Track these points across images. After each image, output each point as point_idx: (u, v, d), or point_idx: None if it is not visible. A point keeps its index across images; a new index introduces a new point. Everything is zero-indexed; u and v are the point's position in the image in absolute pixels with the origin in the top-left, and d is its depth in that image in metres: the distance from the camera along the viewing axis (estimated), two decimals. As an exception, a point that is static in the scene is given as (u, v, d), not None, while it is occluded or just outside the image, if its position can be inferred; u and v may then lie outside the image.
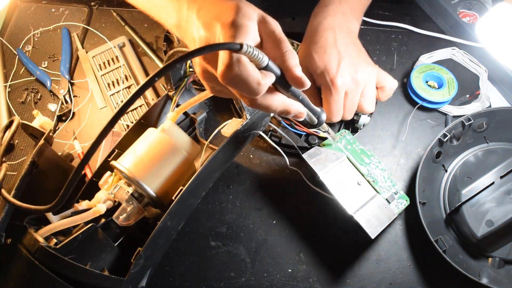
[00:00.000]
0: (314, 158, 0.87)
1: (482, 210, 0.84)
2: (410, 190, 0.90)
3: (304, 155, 0.87)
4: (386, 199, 0.88)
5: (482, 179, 0.87)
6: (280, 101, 0.63)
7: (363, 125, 0.96)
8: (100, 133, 0.53)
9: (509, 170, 0.85)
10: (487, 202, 0.85)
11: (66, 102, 1.07)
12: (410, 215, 0.90)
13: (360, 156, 0.92)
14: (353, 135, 0.95)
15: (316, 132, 0.94)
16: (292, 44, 1.04)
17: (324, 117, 0.74)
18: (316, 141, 0.95)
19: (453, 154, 0.93)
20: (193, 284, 0.89)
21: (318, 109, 0.71)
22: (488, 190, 0.85)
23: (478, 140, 0.93)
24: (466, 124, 0.88)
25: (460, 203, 0.86)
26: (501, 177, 0.85)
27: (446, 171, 0.92)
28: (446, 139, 0.88)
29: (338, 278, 0.88)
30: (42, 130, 0.84)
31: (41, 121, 0.87)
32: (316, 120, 0.73)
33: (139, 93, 0.52)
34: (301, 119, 0.70)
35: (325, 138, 0.94)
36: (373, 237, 0.80)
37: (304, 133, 0.95)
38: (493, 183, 0.85)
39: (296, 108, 0.67)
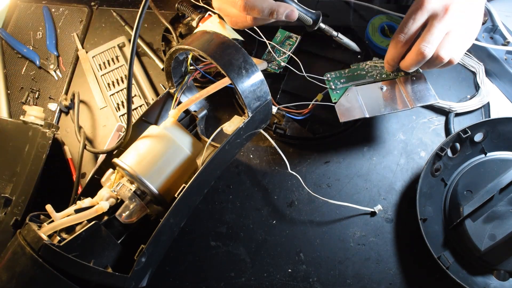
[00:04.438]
0: (344, 114, 0.89)
1: (483, 224, 0.84)
2: (410, 205, 0.90)
3: (340, 119, 0.89)
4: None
5: (482, 192, 0.86)
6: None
7: None
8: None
9: (509, 183, 0.85)
10: (489, 216, 0.84)
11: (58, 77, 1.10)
12: (411, 231, 0.90)
13: (357, 76, 0.96)
14: (356, 124, 0.97)
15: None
16: (290, 37, 1.04)
17: (319, 15, 0.85)
18: (321, 131, 0.95)
19: (452, 167, 0.92)
20: (193, 284, 0.89)
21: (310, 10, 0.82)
22: (489, 204, 0.85)
23: (476, 151, 0.93)
24: (463, 136, 0.88)
25: (461, 218, 0.85)
26: (501, 190, 0.85)
27: (446, 184, 0.92)
28: (443, 152, 0.88)
29: (338, 278, 0.88)
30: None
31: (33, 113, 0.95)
32: (310, 20, 0.84)
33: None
34: (293, 19, 0.80)
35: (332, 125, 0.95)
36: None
37: (308, 114, 0.96)
38: (493, 196, 0.85)
39: (285, 6, 0.77)
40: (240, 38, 1.00)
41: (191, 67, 0.91)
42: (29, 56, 1.12)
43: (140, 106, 1.04)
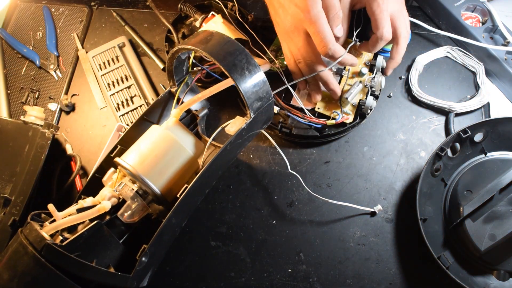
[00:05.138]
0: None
1: (483, 224, 0.84)
2: (410, 205, 0.90)
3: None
4: None
5: (482, 192, 0.86)
6: None
7: (370, 109, 0.95)
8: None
9: (509, 183, 0.84)
10: (489, 216, 0.84)
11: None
12: (411, 231, 0.90)
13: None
14: (361, 121, 0.96)
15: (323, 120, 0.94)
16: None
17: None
18: (326, 129, 0.95)
19: (452, 167, 0.93)
20: (193, 284, 0.89)
21: None
22: (489, 204, 0.85)
23: (476, 151, 0.93)
24: (463, 136, 0.88)
25: (461, 218, 0.85)
26: (501, 190, 0.85)
27: (446, 184, 0.92)
28: (444, 153, 0.88)
29: (338, 278, 0.88)
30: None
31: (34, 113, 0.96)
32: None
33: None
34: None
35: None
36: None
37: (312, 124, 0.95)
38: (493, 196, 0.84)
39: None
40: (244, 38, 1.00)
41: (197, 68, 0.91)
42: (29, 56, 1.12)
43: (140, 106, 1.04)
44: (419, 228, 0.83)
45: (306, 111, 0.94)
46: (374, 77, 0.95)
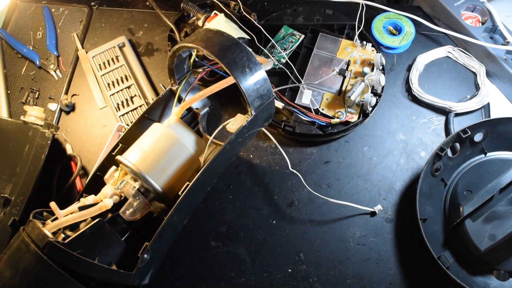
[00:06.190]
0: None
1: (483, 224, 0.84)
2: (410, 205, 0.90)
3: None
4: None
5: (482, 192, 0.86)
6: None
7: (371, 106, 0.95)
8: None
9: (509, 183, 0.85)
10: (489, 216, 0.84)
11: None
12: (411, 231, 0.90)
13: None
14: (364, 120, 0.96)
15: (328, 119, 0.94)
16: (293, 35, 1.04)
17: None
18: (329, 128, 0.95)
19: (452, 167, 0.93)
20: (193, 284, 0.89)
21: None
22: (489, 204, 0.85)
23: (476, 151, 0.93)
24: (463, 136, 0.88)
25: (461, 218, 0.85)
26: (501, 190, 0.85)
27: (446, 184, 0.92)
28: (443, 153, 0.88)
29: (338, 278, 0.88)
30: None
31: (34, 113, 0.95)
32: None
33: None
34: None
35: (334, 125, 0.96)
36: None
37: (317, 121, 0.95)
38: (493, 196, 0.84)
39: None
40: (247, 36, 1.00)
41: (204, 67, 0.91)
42: (29, 56, 1.12)
43: (140, 106, 1.04)
44: (419, 228, 0.83)
45: (312, 109, 0.94)
46: (373, 75, 0.95)
